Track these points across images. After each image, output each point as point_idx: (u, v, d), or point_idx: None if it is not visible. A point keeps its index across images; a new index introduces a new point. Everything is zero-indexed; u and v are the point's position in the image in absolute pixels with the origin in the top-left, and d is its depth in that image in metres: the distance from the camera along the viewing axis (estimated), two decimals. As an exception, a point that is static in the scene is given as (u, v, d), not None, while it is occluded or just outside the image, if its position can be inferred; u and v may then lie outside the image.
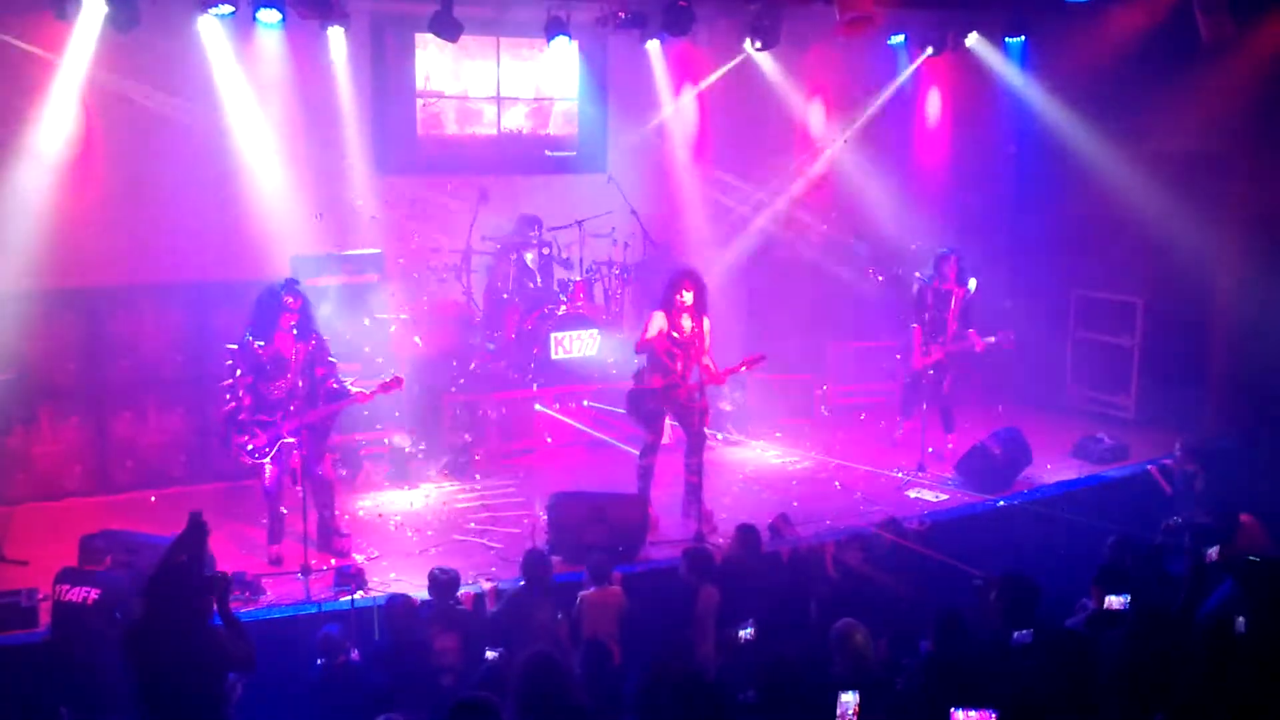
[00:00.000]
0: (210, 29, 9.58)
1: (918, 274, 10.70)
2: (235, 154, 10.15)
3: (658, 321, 8.73)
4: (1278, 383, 11.02)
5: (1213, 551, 6.92)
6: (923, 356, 10.42)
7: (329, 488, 8.55)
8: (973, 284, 10.47)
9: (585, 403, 10.78)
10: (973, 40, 11.98)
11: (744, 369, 8.88)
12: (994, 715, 4.92)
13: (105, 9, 8.76)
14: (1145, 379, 11.76)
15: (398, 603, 7.00)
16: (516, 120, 11.99)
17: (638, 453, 9.09)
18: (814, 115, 12.58)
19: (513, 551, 8.26)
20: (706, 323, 8.83)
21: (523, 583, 7.17)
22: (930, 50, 12.03)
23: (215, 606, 5.64)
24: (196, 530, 6.05)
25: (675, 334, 8.73)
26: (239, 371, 8.15)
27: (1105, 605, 6.19)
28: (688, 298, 8.73)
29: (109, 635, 6.31)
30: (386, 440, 10.15)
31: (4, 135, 9.23)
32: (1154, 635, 5.84)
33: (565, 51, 11.11)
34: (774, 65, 11.73)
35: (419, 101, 11.47)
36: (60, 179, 9.53)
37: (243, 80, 10.03)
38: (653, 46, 11.38)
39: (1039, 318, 12.31)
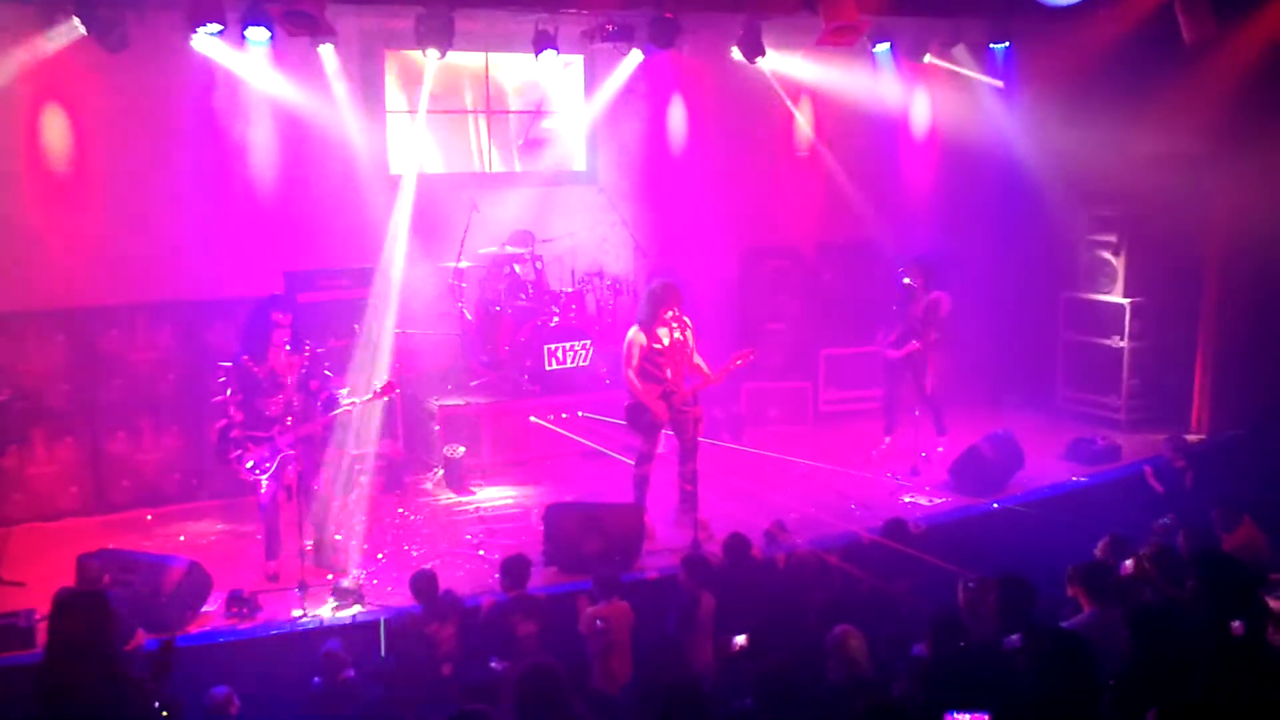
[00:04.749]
0: (200, 47, 9.58)
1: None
2: (227, 171, 10.15)
3: (639, 339, 8.76)
4: (1266, 380, 11.11)
5: (1128, 564, 7.03)
6: (896, 349, 10.52)
7: (325, 503, 8.56)
8: (942, 300, 10.51)
9: (580, 414, 10.79)
10: (958, 47, 12.05)
11: (738, 364, 8.91)
12: (988, 717, 4.93)
13: (95, 29, 8.79)
14: (1136, 380, 11.80)
15: (404, 620, 7.00)
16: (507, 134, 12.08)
17: (633, 462, 9.11)
18: (801, 123, 12.62)
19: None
20: (689, 330, 8.84)
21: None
22: (915, 58, 12.08)
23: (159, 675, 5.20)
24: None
25: (657, 345, 8.76)
26: (229, 390, 8.16)
27: None
28: (672, 311, 8.78)
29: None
30: (380, 454, 10.15)
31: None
32: (1147, 635, 5.86)
33: (553, 64, 11.15)
34: (760, 74, 11.76)
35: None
36: (49, 199, 9.55)
37: (234, 97, 10.04)
38: (640, 58, 11.41)
39: (1027, 320, 12.35)
